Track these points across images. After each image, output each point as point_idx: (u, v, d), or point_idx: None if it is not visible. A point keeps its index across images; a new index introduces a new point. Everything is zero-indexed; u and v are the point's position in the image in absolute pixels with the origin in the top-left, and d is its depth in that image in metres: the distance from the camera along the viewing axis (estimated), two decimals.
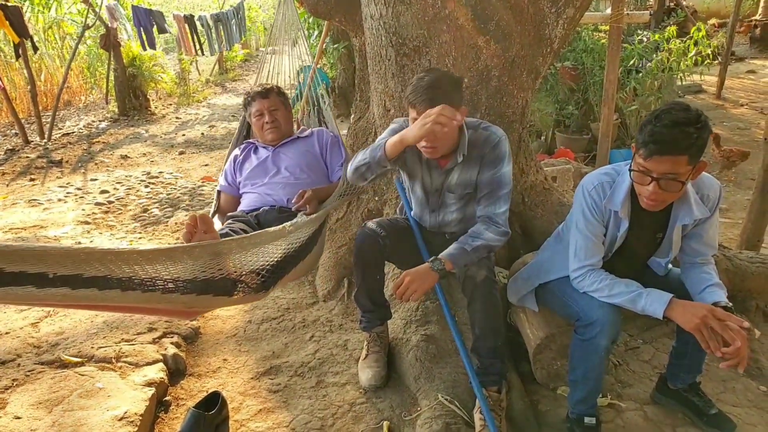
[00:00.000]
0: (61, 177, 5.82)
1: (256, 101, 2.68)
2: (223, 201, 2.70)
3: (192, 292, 1.53)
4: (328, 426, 2.13)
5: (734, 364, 1.62)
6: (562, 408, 2.15)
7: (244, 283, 1.70)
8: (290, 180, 2.54)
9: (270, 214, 2.39)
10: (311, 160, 2.65)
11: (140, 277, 1.40)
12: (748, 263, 2.70)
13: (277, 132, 2.68)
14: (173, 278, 1.48)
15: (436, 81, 1.87)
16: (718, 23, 11.24)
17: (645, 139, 1.61)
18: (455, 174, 2.09)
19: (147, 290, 1.42)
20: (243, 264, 1.69)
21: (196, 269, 1.53)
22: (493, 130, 2.06)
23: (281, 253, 1.86)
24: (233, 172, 2.71)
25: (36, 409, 2.13)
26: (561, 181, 4.10)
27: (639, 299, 1.77)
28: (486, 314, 1.98)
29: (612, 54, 4.65)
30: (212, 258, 1.57)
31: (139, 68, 8.95)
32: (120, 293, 1.37)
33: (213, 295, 1.60)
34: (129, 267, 1.37)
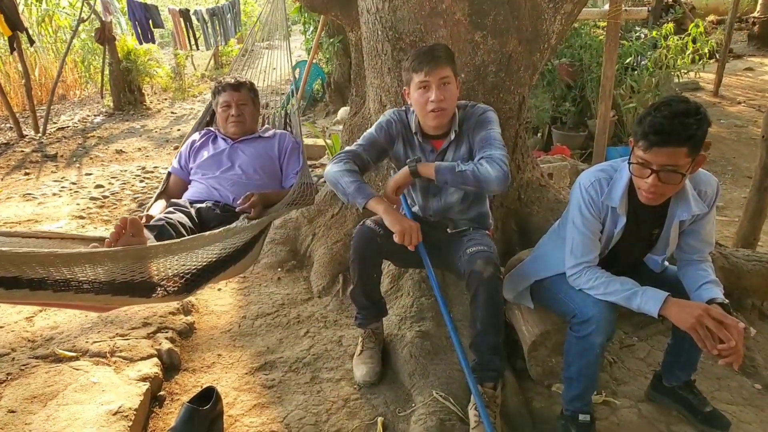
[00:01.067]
0: (55, 171, 5.79)
1: (227, 92, 2.62)
2: (172, 182, 2.63)
3: (107, 293, 1.49)
4: (322, 422, 2.13)
5: (730, 362, 1.63)
6: (557, 405, 2.15)
7: (164, 287, 1.66)
8: (241, 179, 2.48)
9: (212, 210, 2.32)
10: (267, 162, 2.58)
11: (54, 278, 1.37)
12: (744, 261, 2.70)
13: (240, 126, 2.61)
14: (89, 280, 1.44)
15: (435, 46, 2.02)
16: (716, 20, 11.24)
17: (645, 131, 1.60)
18: (450, 152, 2.14)
19: (59, 290, 1.39)
20: (167, 268, 1.65)
21: (116, 272, 1.49)
22: (479, 105, 2.17)
23: (213, 257, 1.82)
24: (188, 156, 2.64)
25: (30, 403, 2.11)
26: (557, 178, 4.10)
27: (634, 297, 1.76)
28: (490, 311, 1.97)
29: (609, 50, 4.65)
30: (135, 262, 1.53)
31: (134, 62, 8.91)
32: (28, 292, 1.34)
33: (130, 296, 1.57)
34: (43, 269, 1.34)
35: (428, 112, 2.01)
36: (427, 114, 2.02)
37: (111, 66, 8.68)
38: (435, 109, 1.99)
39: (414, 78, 2.00)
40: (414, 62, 1.99)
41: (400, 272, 2.76)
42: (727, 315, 1.66)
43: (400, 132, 2.19)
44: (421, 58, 1.97)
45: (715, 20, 11.20)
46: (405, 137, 2.20)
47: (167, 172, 2.69)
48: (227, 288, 3.17)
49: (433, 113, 2.01)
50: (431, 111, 2.00)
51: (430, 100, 1.98)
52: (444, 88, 1.98)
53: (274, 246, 3.41)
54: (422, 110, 2.04)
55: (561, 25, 2.65)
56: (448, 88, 1.99)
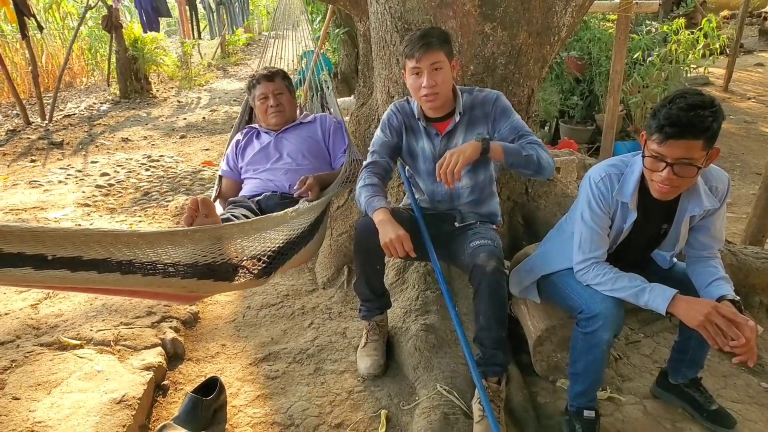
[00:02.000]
0: (61, 159, 5.80)
1: (261, 84, 2.65)
2: (225, 186, 2.68)
3: (193, 277, 1.51)
4: (325, 413, 2.12)
5: (744, 360, 1.61)
6: (561, 400, 2.14)
7: (246, 268, 1.68)
8: (292, 166, 2.52)
9: (272, 200, 2.37)
10: (313, 146, 2.62)
11: (141, 261, 1.38)
12: (752, 259, 2.68)
13: (281, 116, 2.65)
14: (174, 262, 1.45)
15: (429, 30, 2.02)
16: (728, 15, 11.12)
17: (660, 123, 1.58)
18: (459, 136, 2.14)
19: (148, 274, 1.40)
20: (244, 249, 1.67)
21: (197, 254, 1.51)
22: (488, 90, 2.16)
23: (283, 240, 1.84)
24: (235, 157, 2.69)
25: (35, 391, 2.12)
26: (564, 172, 4.07)
27: (642, 294, 1.75)
28: (493, 305, 1.96)
29: (619, 44, 4.61)
30: (213, 243, 1.54)
31: (140, 51, 8.89)
32: (120, 276, 1.34)
33: (214, 280, 1.58)
34: (129, 250, 1.35)
35: (421, 97, 2.05)
36: (421, 99, 2.06)
37: (118, 54, 8.67)
38: (427, 94, 2.02)
39: (407, 63, 2.02)
40: (406, 48, 2.01)
41: (405, 265, 2.75)
42: (737, 313, 1.64)
43: (402, 122, 2.20)
44: (413, 44, 1.98)
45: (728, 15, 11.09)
46: (409, 126, 2.21)
47: (218, 176, 2.73)
48: None
49: (425, 98, 2.04)
50: (424, 96, 2.03)
51: (422, 86, 2.00)
52: (435, 74, 1.99)
53: None
54: (416, 95, 2.08)
55: (572, 17, 2.61)
56: (440, 72, 2.00)
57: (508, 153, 1.97)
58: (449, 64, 2.02)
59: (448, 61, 2.01)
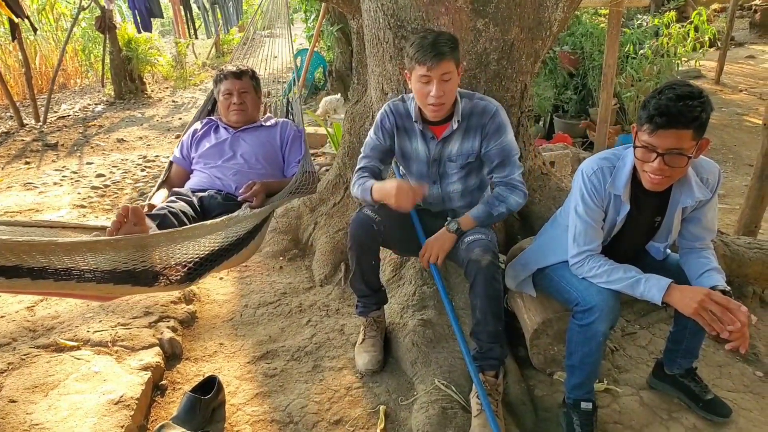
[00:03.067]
0: (56, 160, 5.78)
1: (228, 80, 2.61)
2: (174, 172, 2.63)
3: (109, 282, 1.49)
4: (324, 410, 2.13)
5: (737, 346, 1.63)
6: (559, 393, 2.16)
7: (166, 275, 1.65)
8: (243, 168, 2.47)
9: (214, 199, 2.32)
10: (269, 151, 2.58)
11: (54, 267, 1.37)
12: (745, 249, 2.69)
13: (242, 115, 2.61)
14: (91, 269, 1.44)
15: (440, 38, 1.96)
16: (718, 8, 11.14)
17: (650, 114, 1.60)
18: (455, 143, 2.14)
19: (60, 279, 1.39)
20: (169, 256, 1.64)
21: (118, 261, 1.48)
22: (488, 100, 2.15)
23: (215, 246, 1.81)
24: (189, 146, 2.64)
25: (32, 393, 2.12)
26: (559, 166, 4.09)
27: (638, 285, 1.76)
28: (488, 299, 1.97)
29: (611, 38, 4.62)
30: (137, 251, 1.52)
31: (134, 51, 8.85)
32: (29, 281, 1.34)
33: (132, 285, 1.56)
34: (44, 257, 1.34)
35: (427, 105, 2.02)
36: (426, 106, 2.04)
37: (112, 54, 8.63)
38: (435, 103, 2.00)
39: (416, 69, 1.98)
40: (417, 53, 1.95)
41: (401, 261, 2.75)
42: (730, 299, 1.66)
43: (395, 124, 2.20)
44: (425, 51, 1.93)
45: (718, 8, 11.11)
46: (403, 127, 2.20)
47: (169, 161, 2.68)
48: (229, 277, 3.17)
49: (431, 107, 2.02)
50: (430, 104, 2.01)
51: (430, 94, 1.98)
52: (445, 84, 1.97)
53: (275, 235, 3.41)
54: (422, 101, 2.05)
55: (563, 12, 2.62)
56: (449, 83, 1.98)
57: (481, 222, 2.10)
58: (457, 71, 2.01)
59: (456, 70, 2.00)
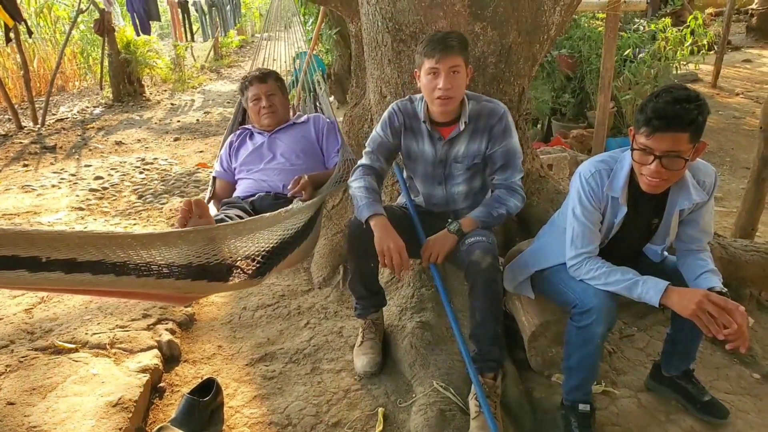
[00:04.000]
0: (54, 163, 5.78)
1: (254, 86, 2.67)
2: (219, 187, 2.68)
3: (187, 278, 1.51)
4: (322, 412, 2.13)
5: (737, 346, 1.63)
6: (557, 395, 2.16)
7: (240, 268, 1.68)
8: (286, 166, 2.53)
9: (265, 200, 2.38)
10: (307, 146, 2.64)
11: (135, 262, 1.38)
12: (742, 251, 2.70)
13: (273, 117, 2.66)
14: (168, 263, 1.46)
15: (449, 34, 2.02)
16: (714, 12, 11.19)
17: (647, 116, 1.61)
18: (462, 144, 2.16)
19: (142, 275, 1.40)
20: (238, 250, 1.67)
21: (191, 254, 1.51)
22: (496, 102, 2.18)
23: (277, 239, 1.84)
24: (229, 157, 2.70)
25: (30, 395, 2.12)
26: (557, 169, 4.09)
27: (635, 287, 1.77)
28: (488, 301, 1.98)
29: (609, 42, 4.64)
30: (207, 243, 1.55)
31: (133, 54, 8.86)
32: (114, 278, 1.34)
33: (208, 280, 1.58)
34: (123, 251, 1.35)
35: (435, 99, 2.04)
36: (434, 100, 2.05)
37: (110, 57, 8.64)
38: (442, 96, 2.01)
39: (425, 63, 2.01)
40: (427, 47, 2.00)
41: None
42: (727, 299, 1.66)
43: (403, 123, 2.20)
44: (434, 45, 1.97)
45: (714, 12, 11.16)
46: (410, 127, 2.21)
47: (212, 177, 2.73)
48: None
49: (439, 100, 2.03)
50: (438, 98, 2.03)
51: (438, 87, 2.00)
52: (453, 77, 1.99)
53: None
54: (429, 96, 2.06)
55: (561, 16, 2.63)
56: (457, 77, 2.00)
57: (481, 224, 2.11)
58: (466, 70, 2.03)
59: (465, 66, 2.03)
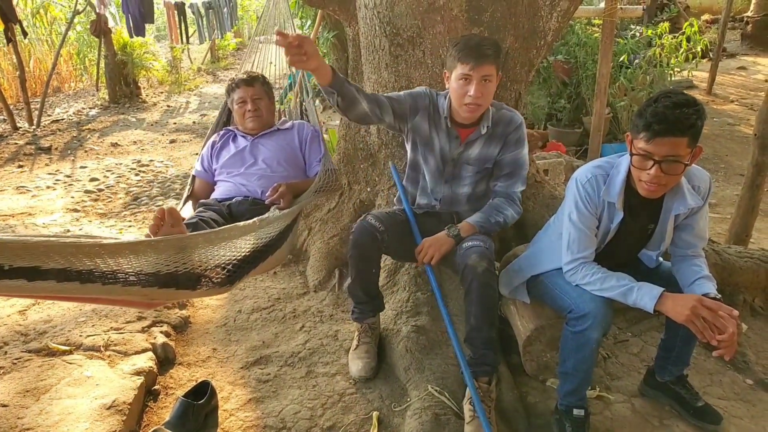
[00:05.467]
0: (49, 164, 5.76)
1: (240, 88, 2.64)
2: (197, 186, 2.65)
3: (154, 285, 1.50)
4: (317, 416, 2.13)
5: (723, 353, 1.65)
6: (551, 400, 2.16)
7: (208, 277, 1.66)
8: (266, 172, 2.50)
9: (243, 205, 2.35)
10: (289, 153, 2.60)
11: (101, 270, 1.37)
12: (736, 258, 2.72)
13: (258, 121, 2.63)
14: (136, 272, 1.45)
15: (485, 40, 2.03)
16: (710, 19, 11.26)
17: (647, 121, 1.63)
18: (476, 147, 2.18)
19: (108, 283, 1.39)
20: (209, 258, 1.65)
21: (160, 263, 1.49)
22: (514, 112, 2.23)
23: (249, 248, 1.83)
24: (210, 158, 2.66)
25: (23, 397, 2.11)
26: (553, 174, 4.11)
27: (630, 293, 1.78)
28: (483, 305, 1.98)
29: (605, 48, 4.67)
30: (177, 252, 1.53)
31: (129, 55, 8.84)
32: (79, 285, 1.34)
33: (176, 288, 1.56)
34: (90, 260, 1.34)
35: (463, 105, 2.06)
36: (462, 106, 2.07)
37: (107, 59, 8.61)
38: (471, 103, 2.03)
39: (458, 67, 2.02)
40: (462, 52, 1.99)
41: (396, 267, 2.76)
42: (721, 304, 1.68)
43: (427, 109, 2.22)
44: (469, 51, 1.97)
45: (710, 19, 11.23)
46: (432, 116, 2.22)
47: (191, 176, 2.71)
48: None
49: (467, 107, 2.05)
50: (466, 104, 2.04)
51: (468, 94, 2.01)
52: (484, 85, 2.01)
53: None
54: (458, 101, 2.08)
55: (557, 22, 2.65)
56: (488, 85, 2.02)
57: (479, 229, 2.16)
58: (497, 78, 2.06)
59: (497, 75, 2.05)
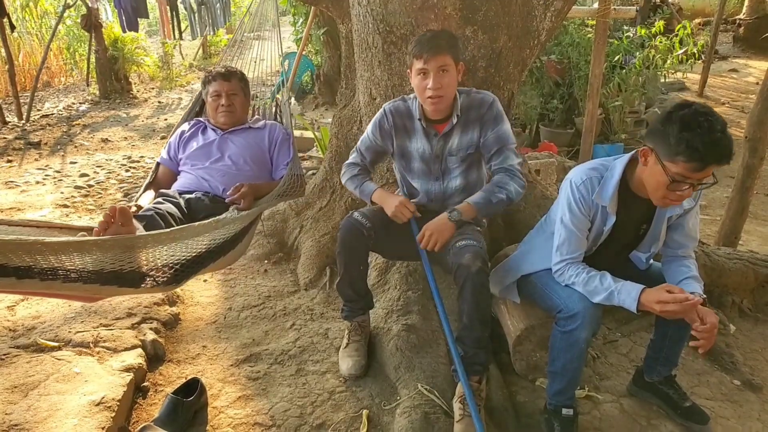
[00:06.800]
0: (39, 159, 5.71)
1: (217, 81, 2.60)
2: (161, 173, 2.61)
3: (96, 282, 1.48)
4: (307, 414, 2.13)
5: (700, 345, 1.70)
6: (540, 399, 2.17)
7: (153, 277, 1.64)
8: (231, 169, 2.46)
9: (202, 201, 2.31)
10: (257, 153, 2.57)
11: (41, 267, 1.35)
12: (725, 259, 2.74)
13: (230, 117, 2.60)
14: (78, 269, 1.43)
15: (438, 33, 2.07)
16: (702, 21, 11.34)
17: (701, 153, 1.61)
18: (455, 137, 2.19)
19: (47, 279, 1.37)
20: (156, 258, 1.63)
21: (105, 261, 1.47)
22: (485, 93, 2.22)
23: (202, 249, 1.80)
24: (177, 146, 2.63)
25: (11, 393, 2.09)
26: (544, 174, 4.13)
27: (612, 297, 1.80)
28: (476, 305, 1.98)
29: (598, 49, 4.68)
30: (124, 251, 1.51)
31: (120, 51, 8.78)
32: (15, 281, 1.32)
33: (118, 285, 1.55)
34: (30, 257, 1.32)
35: (426, 98, 2.07)
36: (425, 100, 2.09)
37: (97, 53, 8.55)
38: (432, 96, 2.04)
39: (414, 63, 2.05)
40: (415, 48, 2.04)
41: (387, 265, 2.76)
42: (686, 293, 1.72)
43: (394, 125, 2.22)
44: (422, 45, 2.01)
45: (702, 22, 11.30)
46: (403, 127, 2.23)
47: (156, 162, 2.66)
48: (213, 279, 3.15)
49: (430, 99, 2.06)
50: (428, 98, 2.06)
51: (427, 87, 2.03)
52: (441, 76, 2.02)
53: (261, 238, 3.40)
54: (421, 95, 2.10)
55: (551, 22, 2.65)
56: (446, 75, 2.03)
57: (480, 211, 2.11)
58: (456, 67, 2.06)
59: (455, 64, 2.05)
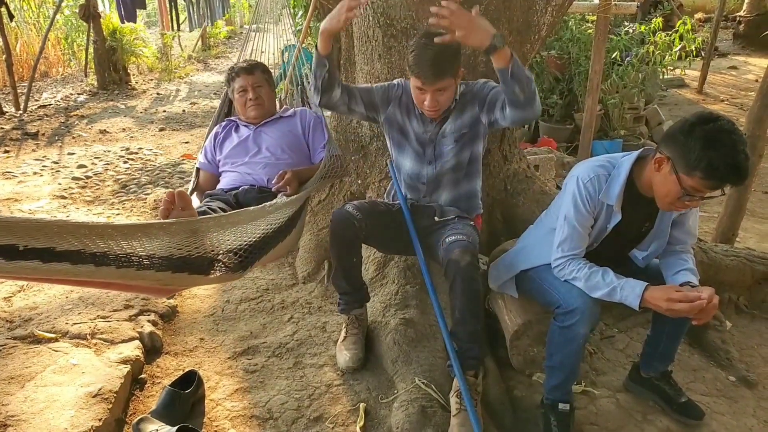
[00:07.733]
0: (36, 150, 5.68)
1: (241, 77, 2.62)
2: (202, 179, 2.65)
3: (168, 270, 1.49)
4: (304, 407, 2.13)
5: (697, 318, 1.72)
6: (537, 394, 2.18)
7: (222, 262, 1.66)
8: (271, 160, 2.50)
9: (249, 193, 2.35)
10: (293, 140, 2.61)
11: (115, 253, 1.36)
12: (722, 256, 2.75)
13: (260, 109, 2.63)
14: (149, 255, 1.44)
15: (440, 54, 1.92)
16: (703, 18, 11.32)
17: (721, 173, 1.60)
18: (450, 122, 2.19)
19: (122, 266, 1.38)
20: (221, 243, 1.66)
21: (173, 246, 1.49)
22: (483, 80, 2.22)
23: (260, 234, 1.83)
24: (213, 149, 2.66)
25: (8, 384, 2.09)
26: (543, 169, 4.13)
27: (614, 293, 1.80)
28: (467, 299, 1.98)
29: (598, 44, 4.67)
30: (189, 236, 1.53)
31: (119, 41, 8.72)
32: (93, 268, 1.33)
33: (189, 273, 1.56)
34: (103, 242, 1.33)
35: (423, 109, 2.12)
36: (422, 109, 2.13)
37: (96, 44, 8.49)
38: (428, 111, 2.09)
39: (412, 78, 2.03)
40: (415, 66, 1.97)
41: (385, 259, 2.76)
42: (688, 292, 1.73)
43: (400, 98, 2.25)
44: (422, 67, 1.95)
45: (702, 18, 11.29)
46: (404, 105, 2.24)
47: (195, 168, 2.69)
48: None
49: (426, 112, 2.11)
50: (425, 111, 2.10)
51: (424, 104, 2.05)
52: (439, 95, 2.03)
53: None
54: (418, 104, 2.13)
55: (552, 17, 2.64)
56: (444, 93, 2.04)
57: (516, 62, 1.83)
58: (456, 82, 2.05)
59: (455, 81, 2.04)
